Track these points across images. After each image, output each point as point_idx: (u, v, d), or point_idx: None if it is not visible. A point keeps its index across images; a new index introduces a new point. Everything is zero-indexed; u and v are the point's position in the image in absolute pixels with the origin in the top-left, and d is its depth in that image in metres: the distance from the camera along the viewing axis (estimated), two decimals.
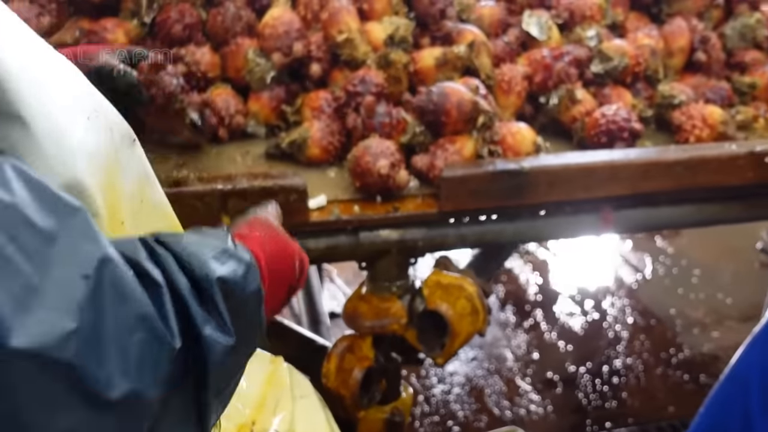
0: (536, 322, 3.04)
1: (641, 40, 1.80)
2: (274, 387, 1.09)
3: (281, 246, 0.83)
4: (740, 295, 3.30)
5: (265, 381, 1.10)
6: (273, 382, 1.10)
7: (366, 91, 1.42)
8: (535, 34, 1.72)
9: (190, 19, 1.59)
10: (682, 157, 1.41)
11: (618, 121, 1.49)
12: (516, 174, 1.31)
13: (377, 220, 1.30)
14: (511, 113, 1.60)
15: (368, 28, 1.59)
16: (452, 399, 2.58)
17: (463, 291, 1.37)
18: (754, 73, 1.89)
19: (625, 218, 1.47)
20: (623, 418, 2.50)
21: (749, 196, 1.56)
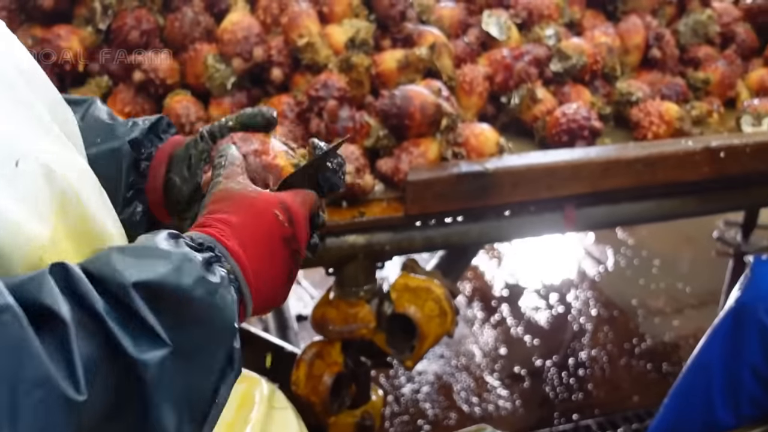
0: (503, 317, 3.07)
1: (598, 38, 1.83)
2: (245, 408, 1.08)
3: (249, 206, 0.76)
4: (698, 283, 3.38)
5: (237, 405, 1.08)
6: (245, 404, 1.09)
7: (328, 96, 1.42)
8: (495, 34, 1.74)
9: (147, 25, 1.56)
10: (641, 155, 1.44)
11: (578, 119, 1.51)
12: (480, 175, 1.32)
13: (343, 226, 1.30)
14: (473, 113, 1.61)
15: (329, 32, 1.59)
16: (421, 398, 2.59)
17: (431, 293, 1.37)
18: (707, 68, 1.93)
19: (588, 216, 1.49)
20: (590, 409, 2.54)
21: (705, 191, 1.59)
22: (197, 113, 1.52)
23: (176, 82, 1.58)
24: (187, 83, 1.59)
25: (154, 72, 1.54)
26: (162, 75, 1.55)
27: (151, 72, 1.54)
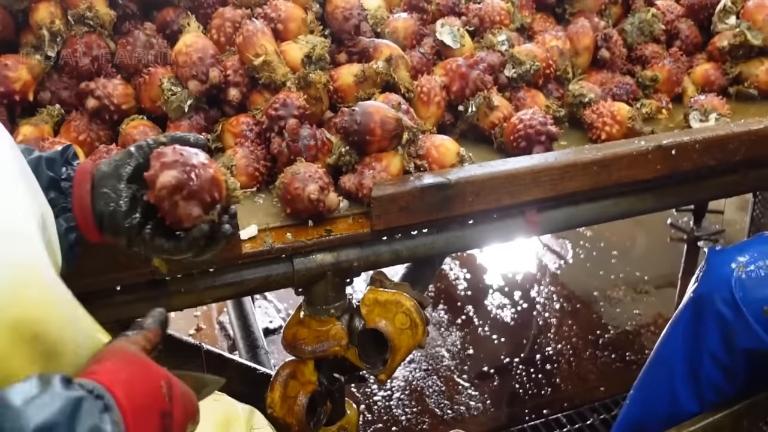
0: (469, 317, 3.11)
1: (549, 42, 1.86)
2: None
3: (140, 369, 0.77)
4: (655, 269, 3.48)
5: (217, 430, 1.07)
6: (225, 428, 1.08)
7: (288, 115, 1.42)
8: (449, 43, 1.76)
9: (98, 50, 1.53)
10: (597, 157, 1.47)
11: (535, 125, 1.54)
12: (443, 187, 1.33)
13: (311, 245, 1.30)
14: (432, 123, 1.62)
15: (284, 49, 1.58)
16: (394, 404, 2.60)
17: (401, 306, 1.38)
18: (654, 66, 1.99)
19: (550, 219, 1.52)
20: (559, 403, 2.59)
21: (659, 187, 1.64)
22: None
23: (132, 107, 1.56)
24: (143, 108, 1.57)
25: (108, 98, 1.51)
26: (116, 101, 1.52)
27: (105, 98, 1.51)
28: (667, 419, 1.73)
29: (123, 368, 0.74)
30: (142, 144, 0.96)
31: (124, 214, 0.93)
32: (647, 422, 1.79)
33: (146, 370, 0.77)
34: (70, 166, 0.97)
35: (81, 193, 0.94)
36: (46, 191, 0.92)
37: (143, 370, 0.77)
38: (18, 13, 1.59)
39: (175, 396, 0.79)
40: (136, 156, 0.95)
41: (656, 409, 1.77)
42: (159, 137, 0.97)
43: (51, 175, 0.95)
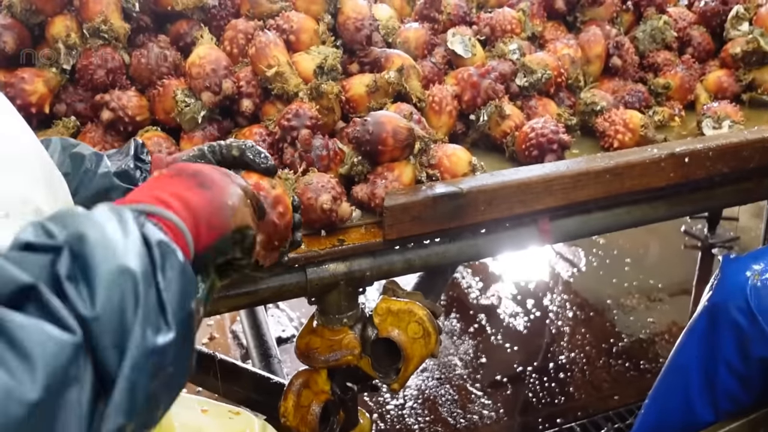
0: (481, 326, 3.10)
1: (561, 50, 1.86)
2: None
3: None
4: (669, 277, 3.45)
5: None
6: None
7: (301, 125, 1.43)
8: (460, 53, 1.76)
9: (113, 63, 1.55)
10: (609, 165, 1.47)
11: (547, 134, 1.54)
12: (455, 196, 1.34)
13: (324, 255, 1.30)
14: (444, 133, 1.63)
15: (296, 60, 1.60)
16: (406, 413, 2.60)
17: (414, 315, 1.38)
18: (666, 73, 1.99)
19: (562, 227, 1.51)
20: (572, 412, 2.58)
21: (672, 195, 1.63)
22: (169, 149, 1.51)
23: (146, 118, 1.57)
24: (157, 119, 1.58)
25: (122, 110, 1.53)
26: (131, 112, 1.54)
27: (119, 110, 1.53)
28: (682, 428, 1.72)
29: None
30: (215, 148, 0.99)
31: None
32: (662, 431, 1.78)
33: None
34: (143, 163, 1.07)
35: None
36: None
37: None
38: (34, 26, 1.61)
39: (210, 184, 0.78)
40: (209, 159, 0.98)
41: (671, 419, 1.76)
42: (231, 144, 0.99)
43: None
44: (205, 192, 0.75)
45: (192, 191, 0.74)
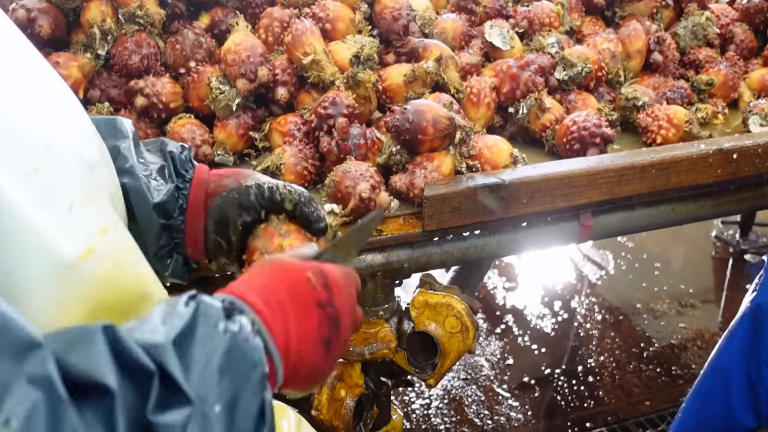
0: (508, 327, 3.05)
1: (600, 45, 1.82)
2: None
3: (279, 268, 0.72)
4: (699, 283, 3.38)
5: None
6: None
7: (338, 113, 1.40)
8: (498, 45, 1.73)
9: (147, 49, 1.53)
10: (656, 159, 1.42)
11: (589, 127, 1.50)
12: (497, 187, 1.30)
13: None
14: (481, 125, 1.59)
15: (332, 49, 1.57)
16: (432, 413, 2.56)
17: (452, 309, 1.35)
18: (708, 70, 1.93)
19: (604, 223, 1.47)
20: (602, 416, 2.52)
21: (718, 193, 1.58)
22: (202, 136, 1.49)
23: (179, 105, 1.55)
24: (191, 106, 1.56)
25: (156, 96, 1.51)
26: (165, 99, 1.52)
27: (153, 96, 1.51)
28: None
29: (260, 275, 0.71)
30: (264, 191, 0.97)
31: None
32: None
33: (286, 268, 0.72)
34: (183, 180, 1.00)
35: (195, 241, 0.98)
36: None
37: (282, 268, 0.72)
38: (69, 11, 1.59)
39: (332, 283, 0.74)
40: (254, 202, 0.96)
41: (710, 423, 1.71)
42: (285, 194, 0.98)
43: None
44: (321, 358, 0.72)
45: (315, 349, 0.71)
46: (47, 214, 0.61)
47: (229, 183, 0.97)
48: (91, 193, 0.71)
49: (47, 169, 0.63)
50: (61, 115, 0.71)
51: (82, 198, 0.68)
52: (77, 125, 0.74)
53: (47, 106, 0.69)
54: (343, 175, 1.28)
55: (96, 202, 0.71)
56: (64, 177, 0.66)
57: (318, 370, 0.73)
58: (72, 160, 0.69)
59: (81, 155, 0.71)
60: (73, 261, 0.63)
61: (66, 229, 0.63)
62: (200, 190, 0.97)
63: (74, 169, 0.69)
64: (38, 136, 0.64)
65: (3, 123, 0.60)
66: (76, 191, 0.68)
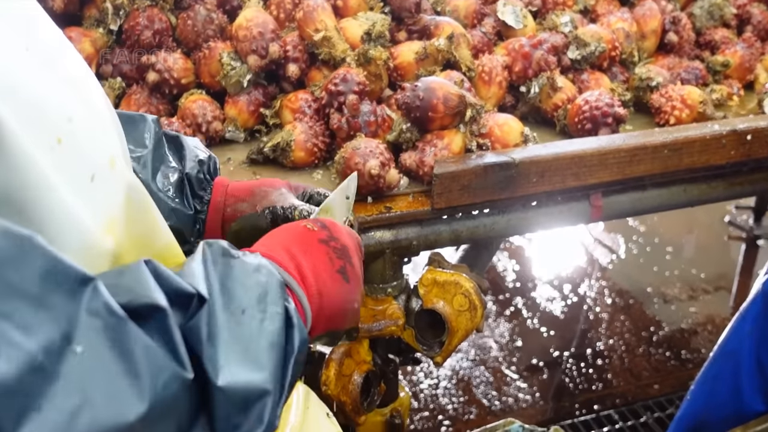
0: (517, 309, 3.05)
1: (615, 24, 1.80)
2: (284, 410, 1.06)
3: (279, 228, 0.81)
4: (711, 267, 3.37)
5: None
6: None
7: (348, 90, 1.39)
8: (511, 23, 1.71)
9: (159, 24, 1.53)
10: (668, 140, 1.41)
11: (601, 107, 1.48)
12: (507, 166, 1.29)
13: (370, 222, 1.27)
14: (493, 104, 1.58)
15: (344, 26, 1.56)
16: (440, 393, 2.57)
17: (460, 287, 1.34)
18: (724, 51, 1.91)
19: (615, 204, 1.46)
20: (610, 399, 2.52)
21: (731, 174, 1.57)
22: (213, 112, 1.49)
23: (191, 81, 1.55)
24: (202, 82, 1.56)
25: (168, 72, 1.51)
26: (176, 75, 1.52)
27: (165, 72, 1.51)
28: (731, 416, 1.66)
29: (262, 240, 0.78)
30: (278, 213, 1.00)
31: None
32: (709, 419, 1.72)
33: (283, 227, 0.80)
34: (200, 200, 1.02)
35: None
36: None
37: (279, 228, 0.80)
38: None
39: (329, 223, 0.81)
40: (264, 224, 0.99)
41: (719, 407, 1.70)
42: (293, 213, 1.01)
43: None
44: (342, 286, 0.77)
45: (332, 279, 0.76)
46: (72, 187, 0.62)
47: (245, 208, 1.00)
48: (113, 160, 0.71)
49: (69, 140, 0.63)
50: (78, 82, 0.71)
51: (105, 164, 0.68)
52: (93, 93, 0.74)
53: (65, 74, 0.69)
54: (353, 151, 1.28)
55: (117, 166, 0.71)
56: (86, 147, 0.66)
57: (344, 301, 0.78)
58: (92, 128, 0.69)
59: (101, 122, 0.72)
60: (99, 234, 0.64)
61: (88, 201, 0.64)
62: (217, 216, 1.01)
63: (95, 137, 0.69)
64: (61, 106, 0.64)
65: (27, 92, 0.59)
66: (99, 160, 0.68)
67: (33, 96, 0.60)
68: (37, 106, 0.60)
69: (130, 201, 0.70)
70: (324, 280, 0.75)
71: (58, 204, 0.59)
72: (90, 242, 0.62)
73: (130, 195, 0.71)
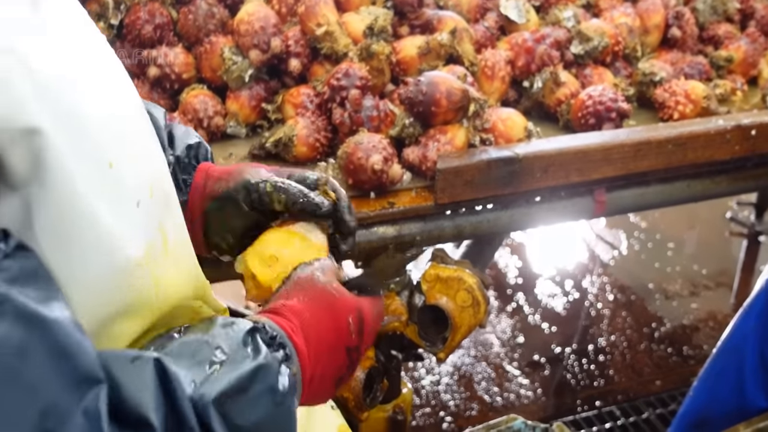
0: (519, 305, 3.05)
1: (618, 19, 1.79)
2: None
3: (327, 306, 0.74)
4: (712, 264, 3.36)
5: None
6: None
7: (351, 85, 1.38)
8: (513, 18, 1.70)
9: (160, 19, 1.52)
10: (672, 135, 1.41)
11: (605, 101, 1.48)
12: (510, 161, 1.29)
13: (373, 217, 1.27)
14: (495, 99, 1.58)
15: (346, 20, 1.55)
16: (442, 389, 2.56)
17: (463, 283, 1.34)
18: (727, 46, 1.90)
19: (618, 199, 1.46)
20: (612, 395, 2.52)
21: (734, 170, 1.56)
22: (215, 107, 1.49)
23: (192, 76, 1.55)
24: (203, 77, 1.55)
25: (169, 67, 1.50)
26: (177, 69, 1.51)
27: (166, 67, 1.50)
28: (733, 412, 1.66)
29: (308, 308, 0.72)
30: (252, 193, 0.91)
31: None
32: (712, 415, 1.72)
33: (333, 307, 0.74)
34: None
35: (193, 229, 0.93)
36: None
37: (330, 307, 0.74)
38: None
39: (366, 328, 0.78)
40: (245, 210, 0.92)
41: (721, 402, 1.70)
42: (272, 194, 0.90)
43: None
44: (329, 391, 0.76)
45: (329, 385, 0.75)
46: (117, 210, 0.61)
47: (222, 187, 0.93)
48: (154, 185, 0.70)
49: (120, 163, 0.62)
50: (127, 103, 0.69)
51: (147, 192, 0.67)
52: (140, 112, 0.73)
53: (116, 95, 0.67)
54: (356, 146, 1.27)
55: (157, 193, 0.70)
56: (134, 171, 0.65)
57: (322, 401, 0.78)
58: (140, 153, 0.68)
59: (147, 146, 0.71)
60: (135, 262, 0.62)
61: (132, 227, 0.63)
62: (198, 199, 0.94)
63: (142, 161, 0.68)
64: (113, 128, 0.63)
65: (82, 114, 0.58)
66: (144, 185, 0.67)
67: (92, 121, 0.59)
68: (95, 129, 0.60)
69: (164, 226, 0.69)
70: (322, 388, 0.74)
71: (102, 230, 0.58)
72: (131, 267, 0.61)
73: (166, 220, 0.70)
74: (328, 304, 0.75)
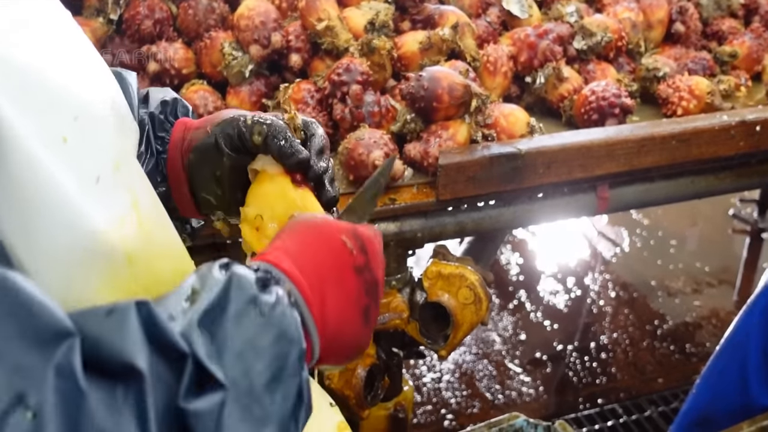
0: (520, 302, 3.04)
1: (621, 14, 1.78)
2: None
3: (314, 232, 0.68)
4: (715, 261, 3.34)
5: None
6: None
7: (351, 80, 1.37)
8: (516, 13, 1.69)
9: (160, 14, 1.51)
10: (676, 130, 1.39)
11: (608, 97, 1.46)
12: (513, 157, 1.28)
13: (374, 214, 1.25)
14: (498, 94, 1.56)
15: (347, 15, 1.54)
16: (443, 387, 2.55)
17: (465, 280, 1.33)
18: (731, 41, 1.89)
19: (622, 195, 1.45)
20: (614, 393, 2.51)
21: (739, 166, 1.55)
22: (215, 103, 1.47)
23: (192, 71, 1.53)
24: (203, 72, 1.54)
25: (169, 62, 1.49)
26: (177, 65, 1.50)
27: (166, 62, 1.49)
28: (737, 410, 1.65)
29: (293, 239, 0.67)
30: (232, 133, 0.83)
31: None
32: (715, 413, 1.71)
33: (321, 231, 0.68)
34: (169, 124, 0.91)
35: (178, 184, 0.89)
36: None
37: (318, 232, 0.68)
38: None
39: (368, 246, 0.70)
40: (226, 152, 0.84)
41: (725, 400, 1.69)
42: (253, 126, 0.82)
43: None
44: (360, 329, 0.69)
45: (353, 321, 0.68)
46: (76, 185, 0.59)
47: (198, 135, 0.86)
48: (120, 160, 0.68)
49: (74, 139, 0.61)
50: (89, 77, 0.68)
51: (110, 168, 0.65)
52: (105, 86, 0.71)
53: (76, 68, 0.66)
54: (357, 142, 1.26)
55: (124, 168, 0.68)
56: (91, 147, 0.63)
57: (357, 343, 0.69)
58: (100, 128, 0.66)
59: (110, 121, 0.69)
60: (103, 235, 0.61)
61: (93, 202, 0.61)
62: (177, 154, 0.88)
63: (103, 137, 0.66)
64: (68, 104, 0.61)
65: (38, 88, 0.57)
66: (105, 161, 0.65)
67: (44, 93, 0.58)
68: (47, 103, 0.58)
69: (137, 204, 0.67)
70: (346, 321, 0.67)
71: (65, 202, 0.57)
72: (99, 242, 0.59)
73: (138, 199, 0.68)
74: (315, 230, 0.69)
